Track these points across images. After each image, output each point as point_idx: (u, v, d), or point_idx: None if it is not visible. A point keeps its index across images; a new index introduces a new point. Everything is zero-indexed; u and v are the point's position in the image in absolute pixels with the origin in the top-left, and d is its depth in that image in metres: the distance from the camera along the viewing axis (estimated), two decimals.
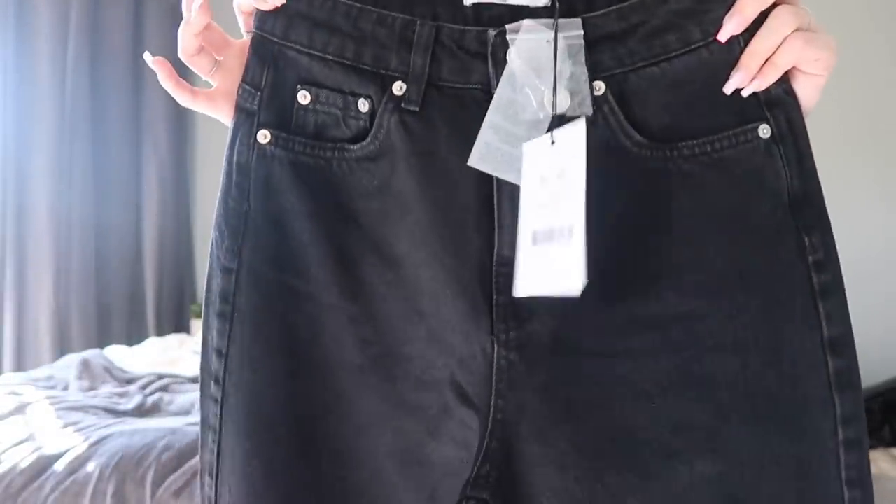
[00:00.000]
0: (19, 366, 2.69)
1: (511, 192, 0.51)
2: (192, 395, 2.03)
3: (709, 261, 0.52)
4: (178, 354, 2.60)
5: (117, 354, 2.53)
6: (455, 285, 0.52)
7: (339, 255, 0.54)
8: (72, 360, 2.35)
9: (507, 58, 0.50)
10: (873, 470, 1.96)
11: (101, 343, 2.87)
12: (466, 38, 0.52)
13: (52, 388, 2.07)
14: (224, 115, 0.58)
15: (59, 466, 1.43)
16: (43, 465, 1.44)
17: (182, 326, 3.33)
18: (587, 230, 0.46)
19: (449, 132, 0.52)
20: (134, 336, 3.15)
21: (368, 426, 0.55)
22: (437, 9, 0.53)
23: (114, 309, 3.11)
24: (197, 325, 3.21)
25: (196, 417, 1.79)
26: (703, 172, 0.52)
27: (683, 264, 0.52)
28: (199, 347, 0.58)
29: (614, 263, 0.51)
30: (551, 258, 0.47)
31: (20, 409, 1.77)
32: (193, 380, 2.27)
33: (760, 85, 0.51)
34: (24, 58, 2.77)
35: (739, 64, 0.51)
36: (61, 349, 2.77)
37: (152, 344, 2.76)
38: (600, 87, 0.52)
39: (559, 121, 0.50)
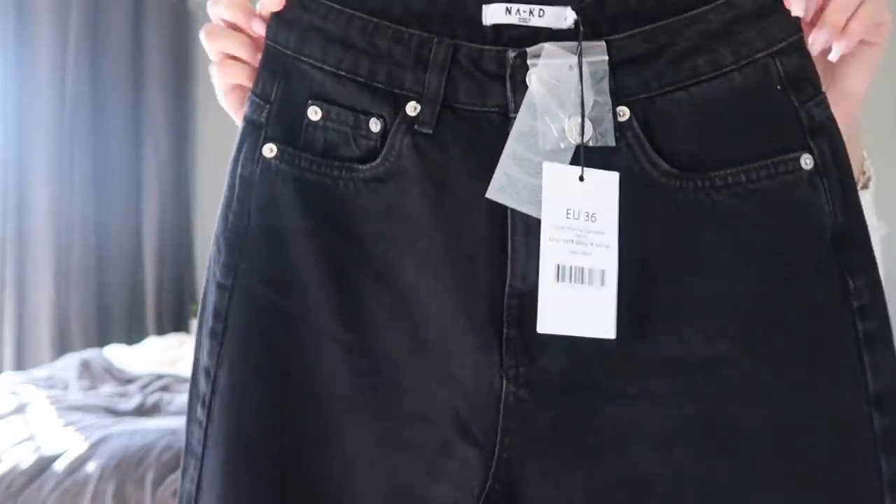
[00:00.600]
0: (19, 366, 2.69)
1: (526, 224, 0.49)
2: None
3: (742, 302, 0.47)
4: (178, 354, 2.60)
5: (117, 354, 2.53)
6: (464, 317, 0.49)
7: (339, 279, 0.51)
8: (72, 360, 2.35)
9: (528, 82, 0.48)
10: None
11: (101, 343, 2.87)
12: (484, 59, 0.49)
13: (52, 388, 2.07)
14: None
15: (59, 466, 1.43)
16: (43, 465, 1.44)
17: (182, 326, 3.33)
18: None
19: (463, 157, 0.50)
20: (134, 336, 3.15)
21: (359, 463, 0.51)
22: (456, 28, 0.50)
23: (114, 309, 3.11)
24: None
25: None
26: (738, 205, 0.47)
27: (713, 304, 0.47)
28: None
29: (637, 300, 0.48)
30: (579, 298, 0.46)
31: (20, 409, 1.77)
32: None
33: (848, 45, 0.47)
34: (24, 58, 2.77)
35: (822, 21, 0.46)
36: (61, 349, 2.77)
37: (152, 344, 2.76)
38: (625, 112, 0.49)
39: (582, 150, 0.48)
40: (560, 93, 0.47)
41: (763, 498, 0.47)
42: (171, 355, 2.60)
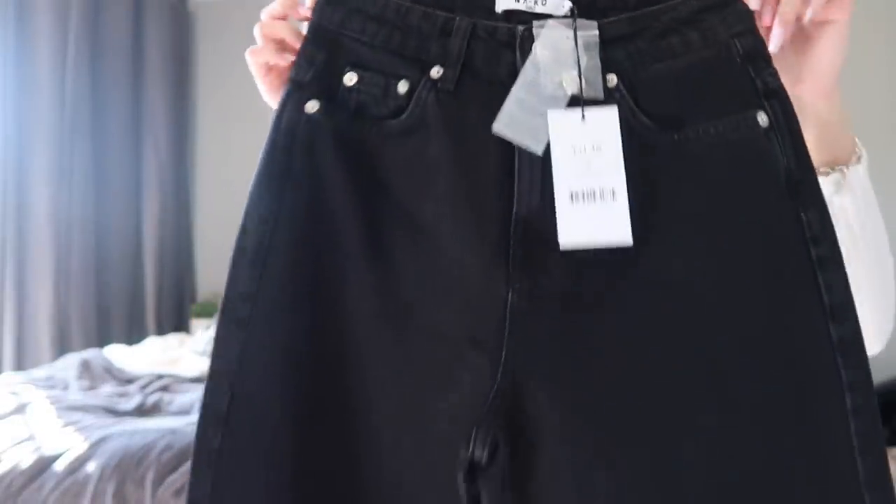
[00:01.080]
0: (19, 366, 2.69)
1: (530, 162, 0.57)
2: (192, 394, 2.03)
3: (713, 234, 0.56)
4: (178, 354, 2.61)
5: (117, 354, 2.53)
6: (476, 241, 0.57)
7: (368, 214, 0.59)
8: (72, 360, 2.35)
9: (532, 48, 0.57)
10: None
11: (101, 343, 2.87)
12: (498, 32, 0.59)
13: (52, 388, 2.07)
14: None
15: (59, 466, 1.43)
16: (43, 465, 1.44)
17: (182, 326, 3.33)
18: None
19: (478, 110, 0.58)
20: (134, 336, 3.15)
21: (379, 378, 0.57)
22: (474, 12, 0.60)
23: (114, 309, 3.11)
24: (197, 325, 3.22)
25: (196, 417, 1.79)
26: (707, 153, 0.56)
27: (688, 235, 0.56)
28: (198, 347, 0.59)
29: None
30: (595, 215, 0.55)
31: (20, 409, 1.78)
32: (193, 380, 2.28)
33: (786, 34, 0.57)
34: (24, 58, 2.77)
35: (778, 21, 0.57)
36: (61, 349, 2.77)
37: (152, 344, 2.76)
38: (613, 79, 0.57)
39: (576, 101, 0.57)
40: (559, 56, 0.57)
41: (735, 395, 0.54)
42: (171, 355, 2.60)
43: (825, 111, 0.64)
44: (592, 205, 0.55)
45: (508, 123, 0.57)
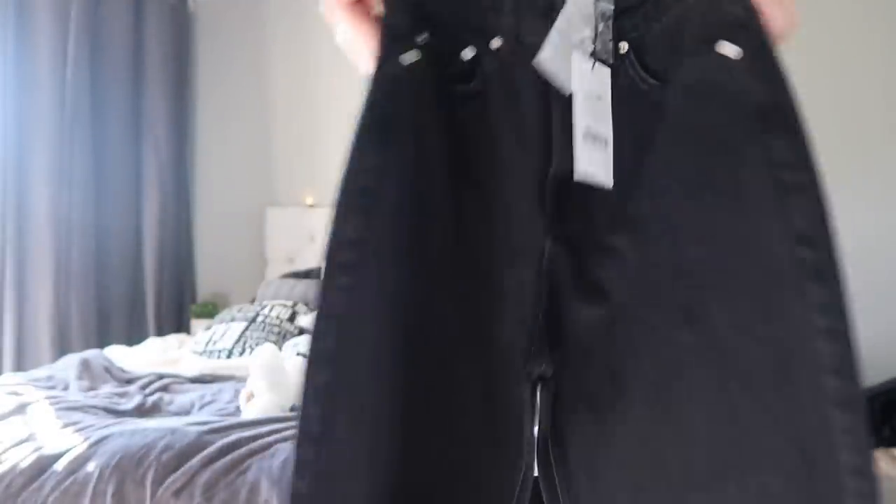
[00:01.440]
0: (19, 366, 2.69)
1: (562, 128, 0.65)
2: (192, 395, 2.03)
3: (692, 163, 0.62)
4: (178, 354, 2.60)
5: (117, 354, 2.53)
6: (521, 194, 0.67)
7: (450, 169, 0.66)
8: (72, 360, 2.35)
9: (564, 8, 0.64)
10: None
11: (101, 343, 2.87)
12: (538, 3, 0.65)
13: (52, 388, 2.07)
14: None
15: (59, 466, 1.43)
16: (43, 465, 1.44)
17: (182, 326, 3.33)
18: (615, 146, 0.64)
19: (524, 74, 0.65)
20: (134, 336, 3.15)
21: (448, 307, 0.67)
22: None
23: (114, 309, 3.11)
24: (197, 326, 3.22)
25: (196, 417, 1.79)
26: (690, 98, 0.62)
27: (675, 167, 0.63)
28: (198, 348, 0.59)
29: (626, 174, 0.64)
30: (596, 157, 0.64)
31: (20, 409, 1.77)
32: (193, 380, 2.27)
33: None
34: (24, 58, 2.77)
35: None
36: (61, 349, 2.77)
37: (152, 344, 2.76)
38: (624, 46, 0.64)
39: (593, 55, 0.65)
40: (584, 18, 0.64)
41: (709, 312, 0.60)
42: (171, 356, 2.60)
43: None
44: (595, 146, 0.64)
45: (546, 59, 0.64)
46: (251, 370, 1.82)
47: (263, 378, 1.79)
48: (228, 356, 2.50)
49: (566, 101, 0.64)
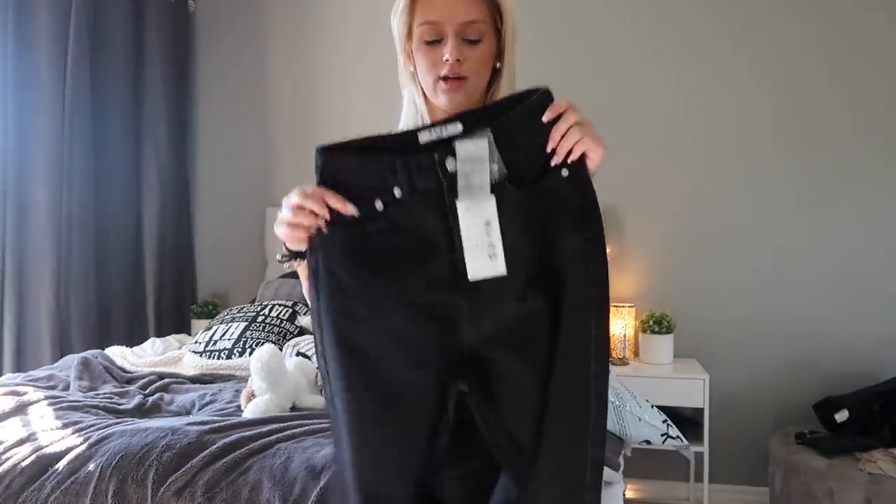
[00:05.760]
0: (19, 366, 2.69)
1: (459, 235, 0.97)
2: (193, 395, 2.03)
3: (544, 237, 0.99)
4: (178, 354, 2.60)
5: (117, 354, 2.53)
6: (439, 284, 0.99)
7: (369, 284, 0.99)
8: (72, 360, 2.35)
9: (448, 165, 0.96)
10: (873, 469, 1.98)
11: (101, 343, 2.87)
12: (423, 162, 0.97)
13: (52, 388, 2.07)
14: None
15: (60, 466, 1.43)
16: (43, 465, 1.44)
17: (182, 326, 3.33)
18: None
19: (421, 208, 0.98)
20: (134, 336, 3.15)
21: (393, 379, 1.00)
22: (410, 146, 0.98)
23: (114, 309, 3.11)
24: (197, 325, 3.21)
25: (196, 417, 1.79)
26: (542, 195, 0.99)
27: (535, 241, 1.00)
28: (198, 348, 0.60)
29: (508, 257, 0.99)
30: (486, 262, 0.98)
31: (20, 409, 1.77)
32: (193, 380, 2.27)
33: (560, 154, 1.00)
34: (24, 58, 2.77)
35: (553, 145, 1.00)
36: (61, 349, 2.77)
37: (152, 344, 2.76)
38: (503, 168, 0.98)
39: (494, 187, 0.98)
40: (475, 160, 0.97)
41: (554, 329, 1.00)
42: (171, 355, 2.59)
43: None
44: (484, 256, 0.98)
45: (463, 213, 0.97)
46: (251, 370, 1.82)
47: (263, 378, 1.79)
48: (228, 356, 2.50)
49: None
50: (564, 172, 0.98)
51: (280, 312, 2.71)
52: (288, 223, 1.02)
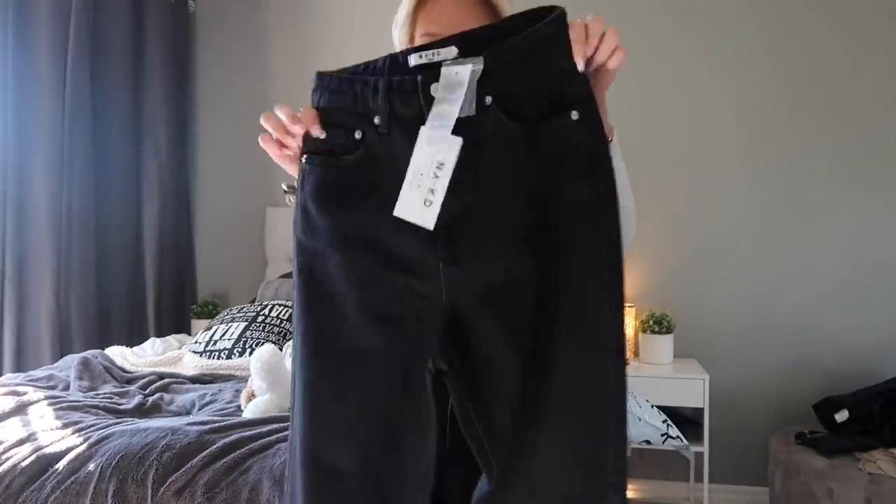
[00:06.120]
0: (19, 366, 2.69)
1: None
2: (193, 394, 2.03)
3: (545, 186, 0.85)
4: (178, 354, 2.60)
5: (117, 354, 2.53)
6: (412, 232, 0.86)
7: (338, 223, 0.89)
8: (72, 360, 2.35)
9: (432, 92, 0.84)
10: (873, 469, 1.99)
11: (101, 343, 2.87)
12: (405, 85, 0.86)
13: (52, 388, 2.07)
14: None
15: (60, 466, 1.43)
16: (43, 465, 1.44)
17: (182, 326, 3.33)
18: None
19: (402, 140, 0.86)
20: (134, 336, 3.15)
21: (358, 333, 0.89)
22: (397, 70, 0.88)
23: (114, 309, 3.11)
24: (197, 325, 3.21)
25: (196, 417, 1.79)
26: (543, 137, 0.85)
27: (532, 190, 0.86)
28: (198, 348, 0.61)
29: (494, 197, 0.87)
30: (418, 207, 0.85)
31: (20, 409, 1.77)
32: (193, 380, 2.27)
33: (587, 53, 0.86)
34: (24, 58, 2.77)
35: (576, 52, 0.85)
36: (61, 349, 2.77)
37: (152, 344, 2.76)
38: (488, 99, 0.84)
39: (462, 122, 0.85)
40: (456, 84, 0.84)
41: (559, 306, 0.85)
42: (171, 355, 2.59)
43: (600, 102, 0.92)
44: (419, 197, 0.85)
45: (422, 142, 0.85)
46: (251, 370, 1.82)
47: (263, 378, 1.79)
48: (228, 356, 2.50)
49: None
50: (574, 114, 0.84)
51: (280, 312, 2.71)
52: (266, 140, 0.96)
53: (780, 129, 2.89)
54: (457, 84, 0.82)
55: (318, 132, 0.90)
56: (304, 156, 0.91)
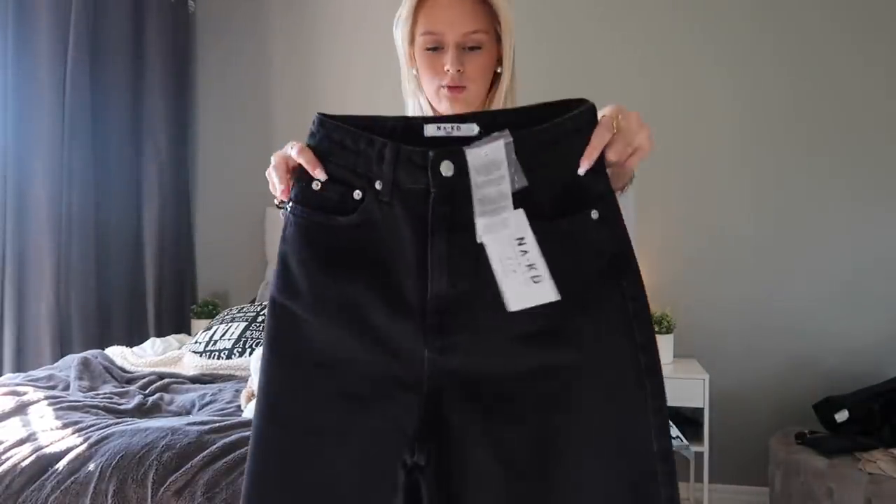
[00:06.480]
0: (19, 366, 2.69)
1: (438, 254, 0.79)
2: (193, 395, 2.03)
3: (564, 292, 0.78)
4: (178, 354, 2.60)
5: (117, 354, 2.53)
6: (401, 313, 0.80)
7: (320, 289, 0.83)
8: (72, 360, 2.35)
9: (440, 170, 0.79)
10: (873, 469, 2.00)
11: (101, 343, 2.87)
12: (415, 156, 0.80)
13: (52, 388, 2.07)
14: None
15: (60, 466, 1.43)
16: (43, 465, 1.44)
17: (182, 326, 3.33)
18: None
19: (404, 214, 0.80)
20: (134, 336, 3.15)
21: (323, 409, 0.82)
22: (409, 136, 0.82)
23: (114, 309, 3.10)
24: (197, 325, 3.21)
25: (196, 417, 1.79)
26: (562, 238, 0.80)
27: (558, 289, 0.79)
28: (198, 348, 0.61)
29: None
30: (528, 287, 0.78)
31: (20, 409, 1.77)
32: (193, 380, 2.27)
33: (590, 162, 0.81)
34: (24, 58, 2.77)
35: (585, 156, 0.80)
36: (61, 349, 2.77)
37: (152, 344, 2.76)
38: (523, 179, 0.80)
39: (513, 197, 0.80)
40: (490, 166, 0.79)
41: (580, 399, 0.78)
42: (171, 355, 2.59)
43: (623, 180, 0.95)
44: (528, 280, 0.79)
45: (482, 231, 0.79)
46: (251, 370, 1.82)
47: None
48: (228, 356, 2.50)
49: (445, 236, 0.78)
50: (594, 214, 0.79)
51: None
52: (270, 172, 0.90)
53: (781, 130, 2.89)
54: (492, 165, 0.78)
55: (321, 174, 0.83)
56: (291, 205, 0.84)
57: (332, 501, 0.81)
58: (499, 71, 1.20)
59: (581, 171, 0.80)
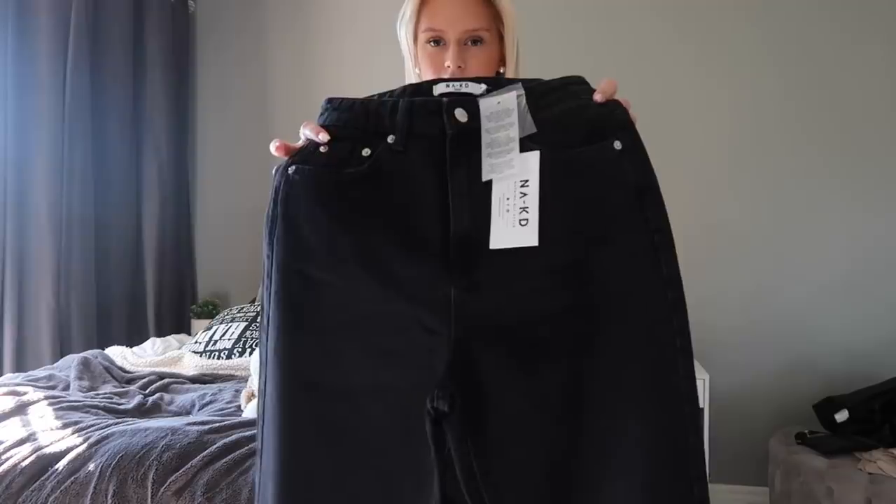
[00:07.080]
0: (19, 366, 2.69)
1: (459, 193, 0.79)
2: (193, 394, 2.03)
3: (588, 224, 0.79)
4: (178, 354, 2.60)
5: (117, 354, 2.53)
6: (423, 253, 0.79)
7: (331, 240, 0.81)
8: (72, 360, 2.35)
9: (455, 115, 0.81)
10: (873, 470, 1.99)
11: (101, 343, 2.87)
12: (430, 104, 0.82)
13: (52, 388, 2.07)
14: None
15: (60, 466, 1.43)
16: (43, 465, 1.44)
17: (182, 326, 3.33)
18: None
19: (420, 160, 0.81)
20: (134, 336, 3.15)
21: (353, 366, 0.80)
22: (419, 96, 0.85)
23: (114, 309, 3.10)
24: (197, 326, 3.21)
25: (196, 417, 1.79)
26: (586, 167, 0.80)
27: (571, 225, 0.79)
28: (198, 348, 0.62)
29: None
30: (513, 229, 0.77)
31: (20, 409, 1.77)
32: (193, 380, 2.27)
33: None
34: (24, 58, 2.77)
35: (598, 90, 0.83)
36: (61, 349, 2.77)
37: (152, 344, 2.76)
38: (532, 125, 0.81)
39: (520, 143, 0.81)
40: (500, 115, 0.82)
41: (608, 338, 0.77)
42: (171, 355, 2.59)
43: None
44: (515, 222, 0.78)
45: (488, 171, 0.80)
46: (251, 370, 1.82)
47: None
48: (228, 356, 2.50)
49: (464, 173, 0.79)
50: (617, 144, 0.79)
51: None
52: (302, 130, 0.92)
53: (779, 128, 2.89)
54: (503, 112, 0.80)
55: (323, 137, 0.84)
56: (293, 165, 0.84)
57: (373, 460, 0.79)
58: (502, 71, 1.20)
59: (597, 97, 0.82)
